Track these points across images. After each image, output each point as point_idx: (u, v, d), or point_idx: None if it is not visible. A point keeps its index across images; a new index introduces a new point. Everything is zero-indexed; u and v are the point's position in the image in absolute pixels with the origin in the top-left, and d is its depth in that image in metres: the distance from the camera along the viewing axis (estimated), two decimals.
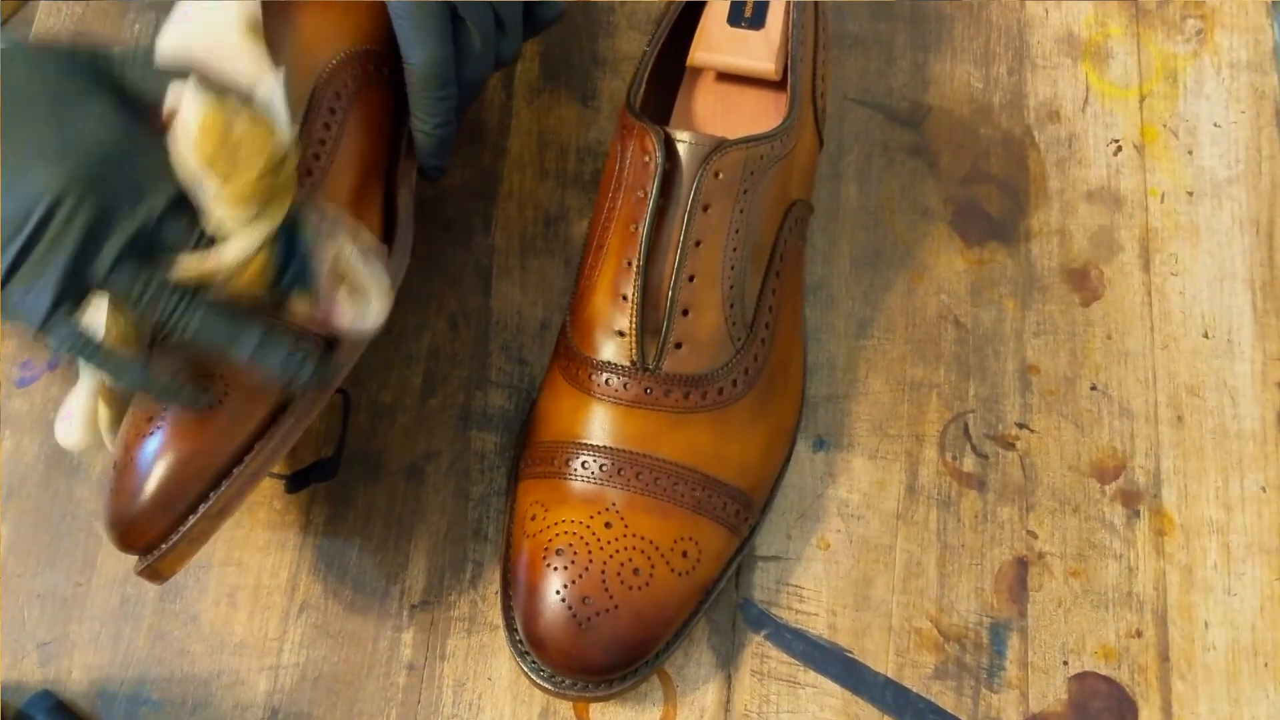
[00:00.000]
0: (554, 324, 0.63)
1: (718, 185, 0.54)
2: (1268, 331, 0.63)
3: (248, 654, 0.57)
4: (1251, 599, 0.58)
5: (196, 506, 0.51)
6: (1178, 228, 0.66)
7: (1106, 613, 0.58)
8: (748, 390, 0.56)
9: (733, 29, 0.61)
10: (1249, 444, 0.61)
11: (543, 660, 0.53)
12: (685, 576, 0.54)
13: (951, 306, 0.64)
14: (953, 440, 0.61)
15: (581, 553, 0.53)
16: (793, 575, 0.59)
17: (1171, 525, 0.60)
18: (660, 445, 0.54)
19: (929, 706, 0.56)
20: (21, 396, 0.62)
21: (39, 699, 0.55)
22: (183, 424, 0.50)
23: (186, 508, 0.51)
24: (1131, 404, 0.62)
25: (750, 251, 0.56)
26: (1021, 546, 0.59)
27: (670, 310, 0.54)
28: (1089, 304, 0.64)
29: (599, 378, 0.55)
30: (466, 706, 0.56)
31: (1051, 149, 0.68)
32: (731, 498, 0.55)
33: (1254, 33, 0.70)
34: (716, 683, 0.57)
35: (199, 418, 0.50)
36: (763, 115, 0.62)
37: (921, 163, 0.67)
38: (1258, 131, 0.68)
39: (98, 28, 0.70)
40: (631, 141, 0.55)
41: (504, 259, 0.65)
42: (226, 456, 0.51)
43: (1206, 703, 0.57)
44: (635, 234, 0.54)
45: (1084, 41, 0.70)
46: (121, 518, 0.51)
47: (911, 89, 0.69)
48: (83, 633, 0.58)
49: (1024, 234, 0.66)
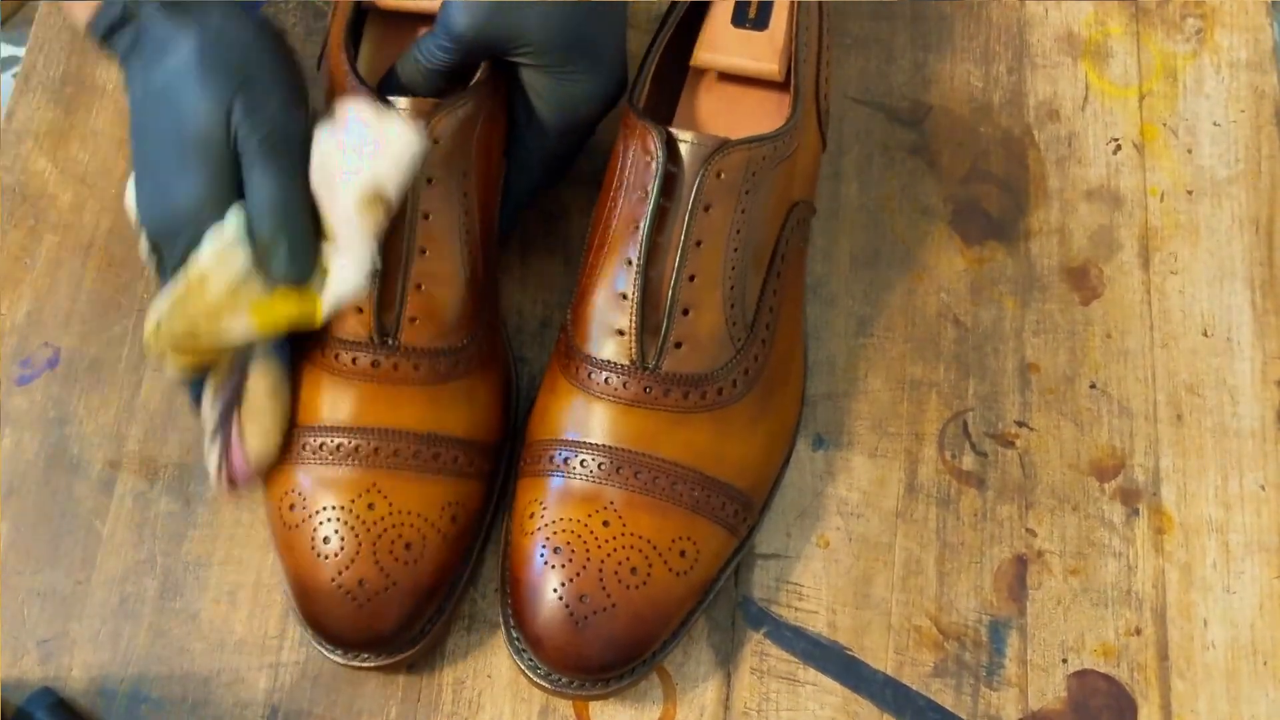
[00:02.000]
0: (554, 322, 0.63)
1: (719, 185, 0.54)
2: (1267, 330, 0.63)
3: (248, 652, 0.57)
4: (1251, 597, 0.58)
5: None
6: (1177, 227, 0.66)
7: (1106, 611, 0.58)
8: (748, 391, 0.56)
9: (737, 29, 0.61)
10: (1248, 442, 0.61)
11: (540, 658, 0.53)
12: (683, 576, 0.54)
13: (951, 305, 0.64)
14: (952, 439, 0.61)
15: (579, 551, 0.53)
16: (792, 573, 0.59)
17: (1171, 524, 0.60)
18: (659, 445, 0.54)
19: (928, 704, 0.56)
20: (21, 394, 0.62)
21: (39, 696, 0.55)
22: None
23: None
24: (1131, 402, 0.62)
25: (751, 252, 0.56)
26: (1021, 545, 0.59)
27: (670, 310, 0.54)
28: (1088, 303, 0.64)
29: (599, 376, 0.55)
30: (466, 704, 0.56)
31: (1051, 148, 0.68)
32: (730, 498, 0.55)
33: (1254, 32, 0.70)
34: (716, 680, 0.57)
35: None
36: (766, 116, 0.62)
37: (921, 162, 0.67)
38: (1257, 131, 0.68)
39: None
40: (634, 141, 0.55)
41: (504, 257, 0.65)
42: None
43: (1206, 700, 0.57)
44: (636, 233, 0.54)
45: (1084, 40, 0.70)
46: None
47: (911, 88, 0.69)
48: (83, 630, 0.58)
49: (1024, 233, 0.66)
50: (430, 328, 0.55)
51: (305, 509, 0.54)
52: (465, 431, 0.56)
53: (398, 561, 0.53)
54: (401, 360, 0.55)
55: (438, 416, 0.55)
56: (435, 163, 0.55)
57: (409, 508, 0.54)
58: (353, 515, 0.53)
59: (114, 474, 0.60)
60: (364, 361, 0.54)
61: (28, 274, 0.65)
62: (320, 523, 0.53)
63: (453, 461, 0.55)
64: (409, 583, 0.53)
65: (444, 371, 0.55)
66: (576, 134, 0.60)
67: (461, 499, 0.55)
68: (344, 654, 0.54)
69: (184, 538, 0.59)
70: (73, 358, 0.63)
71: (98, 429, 0.61)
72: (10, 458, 0.61)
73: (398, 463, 0.54)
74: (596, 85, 0.58)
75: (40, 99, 0.69)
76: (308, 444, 0.54)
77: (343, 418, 0.54)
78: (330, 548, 0.53)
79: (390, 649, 0.54)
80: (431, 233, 0.55)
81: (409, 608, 0.53)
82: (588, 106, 0.58)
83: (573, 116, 0.58)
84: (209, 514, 0.60)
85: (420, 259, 0.55)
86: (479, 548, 0.57)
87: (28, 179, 0.67)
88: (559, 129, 0.59)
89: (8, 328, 0.63)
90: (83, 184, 0.67)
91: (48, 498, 0.60)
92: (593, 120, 0.59)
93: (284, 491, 0.55)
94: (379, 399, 0.54)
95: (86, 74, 0.69)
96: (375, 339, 0.54)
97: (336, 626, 0.53)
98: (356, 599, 0.52)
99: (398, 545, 0.53)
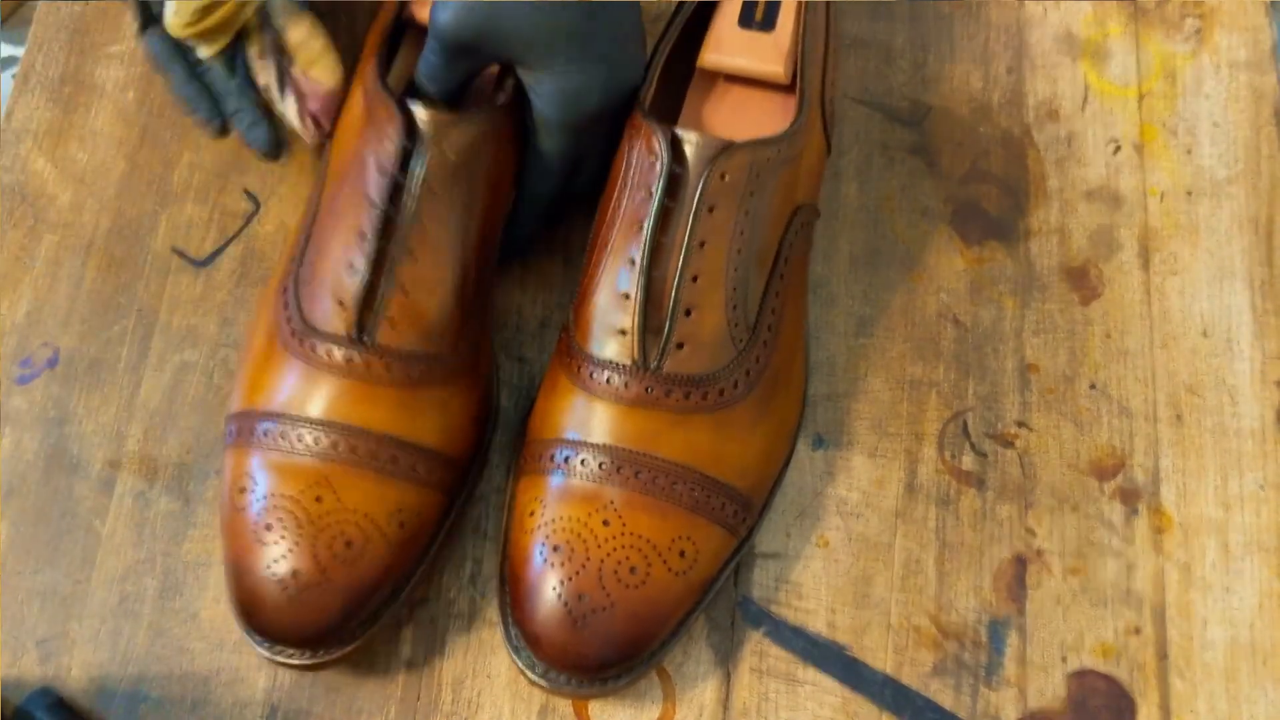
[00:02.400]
0: (553, 322, 0.63)
1: (723, 187, 0.54)
2: (1267, 330, 0.64)
3: (247, 652, 0.57)
4: (1250, 597, 0.58)
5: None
6: (1177, 227, 0.66)
7: (1105, 610, 0.58)
8: (749, 392, 0.56)
9: (743, 31, 0.61)
10: (1248, 442, 0.61)
11: (538, 656, 0.53)
12: (682, 576, 0.54)
13: (951, 305, 0.64)
14: (952, 438, 0.61)
15: (579, 550, 0.53)
16: (792, 573, 0.59)
17: (1170, 523, 0.60)
18: (660, 445, 0.54)
19: (928, 704, 0.57)
20: (21, 394, 0.62)
21: (38, 696, 0.55)
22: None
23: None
24: (1130, 402, 0.62)
25: (754, 254, 0.56)
26: (1020, 544, 0.59)
27: (673, 310, 0.54)
28: (1088, 303, 0.64)
29: (600, 376, 0.55)
30: (466, 704, 0.56)
31: (1051, 148, 0.68)
32: (730, 498, 0.55)
33: (1253, 32, 0.70)
34: (715, 680, 0.57)
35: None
36: (771, 118, 0.62)
37: (921, 162, 0.67)
38: (1257, 131, 0.68)
39: (98, 28, 0.70)
40: (639, 141, 0.55)
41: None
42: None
43: (1205, 700, 0.57)
44: (640, 233, 0.54)
45: (1083, 41, 0.70)
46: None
47: (911, 88, 0.69)
48: (82, 630, 0.58)
49: (1023, 233, 0.66)
50: (409, 331, 0.55)
51: (255, 494, 0.53)
52: (430, 441, 0.55)
53: (335, 559, 0.53)
54: (374, 359, 0.54)
55: (404, 421, 0.55)
56: (439, 173, 0.55)
57: (356, 506, 0.53)
58: (299, 506, 0.53)
59: (114, 474, 0.60)
60: (338, 356, 0.54)
61: (27, 274, 0.65)
62: (265, 509, 0.53)
63: (411, 468, 0.55)
64: (343, 581, 0.53)
65: (417, 376, 0.55)
66: (586, 132, 0.59)
67: (414, 507, 0.55)
68: (270, 648, 0.54)
69: (184, 537, 0.59)
70: (72, 357, 0.63)
71: (97, 428, 0.61)
72: (10, 457, 0.61)
73: (354, 460, 0.54)
74: (593, 78, 0.57)
75: (39, 99, 0.69)
76: (269, 430, 0.54)
77: (310, 409, 0.54)
78: (272, 536, 0.53)
79: (316, 647, 0.53)
80: (425, 239, 0.55)
81: (340, 607, 0.53)
82: (588, 100, 0.57)
83: (575, 113, 0.58)
84: (208, 514, 0.60)
85: (409, 263, 0.55)
86: (427, 560, 0.56)
87: (27, 179, 0.67)
88: (562, 126, 0.58)
89: (7, 327, 0.63)
90: (82, 183, 0.67)
91: (47, 497, 0.60)
92: (601, 115, 0.58)
93: (239, 474, 0.54)
94: (347, 394, 0.54)
95: (85, 74, 0.69)
96: (353, 334, 0.54)
97: (265, 616, 0.53)
98: (287, 589, 0.52)
99: (338, 542, 0.53)
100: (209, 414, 0.61)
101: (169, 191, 0.66)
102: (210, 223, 0.66)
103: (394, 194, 0.54)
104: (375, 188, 0.54)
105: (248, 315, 0.63)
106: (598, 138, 0.59)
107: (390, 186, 0.54)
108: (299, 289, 0.56)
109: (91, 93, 0.69)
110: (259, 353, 0.56)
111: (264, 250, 0.65)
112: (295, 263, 0.57)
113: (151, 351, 0.63)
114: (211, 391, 0.62)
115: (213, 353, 0.63)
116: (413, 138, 0.54)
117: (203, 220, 0.66)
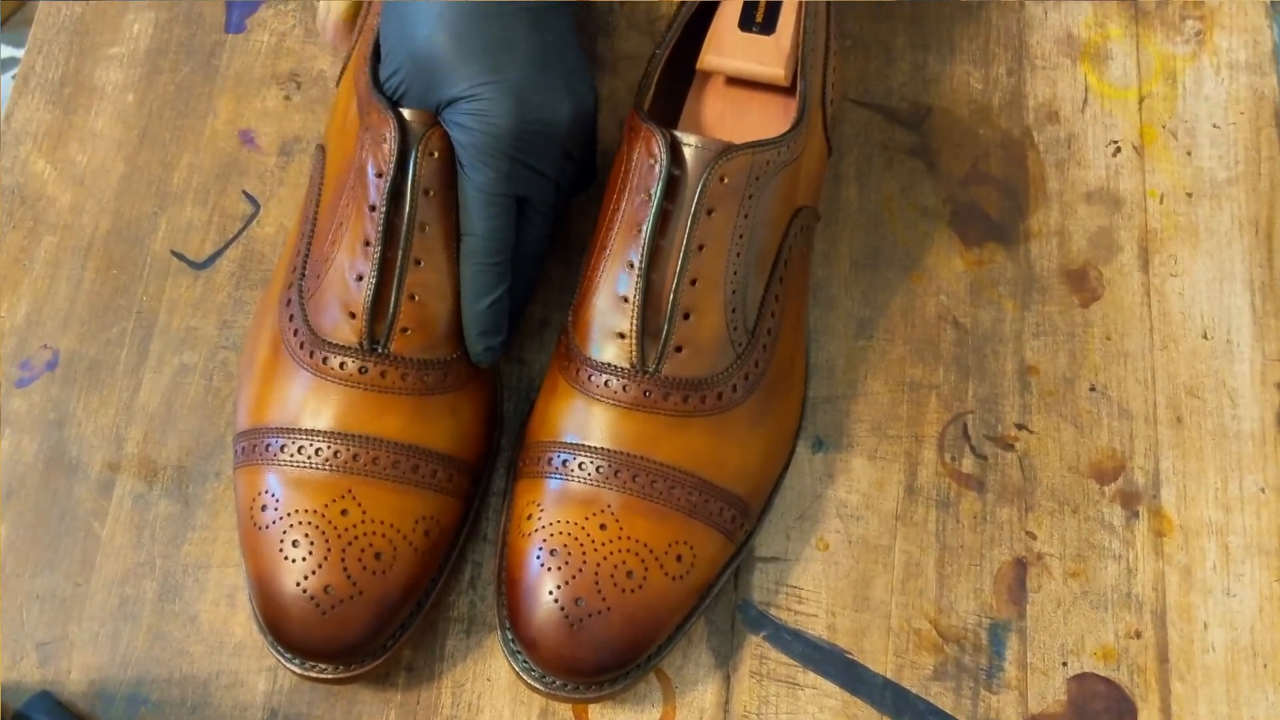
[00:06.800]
0: (553, 323, 0.63)
1: (723, 190, 0.54)
2: (1267, 332, 0.63)
3: (247, 655, 0.57)
4: (1250, 600, 0.58)
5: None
6: (1177, 229, 0.66)
7: (1105, 613, 0.58)
8: (748, 396, 0.56)
9: (744, 33, 0.60)
10: (1248, 445, 0.61)
11: (534, 660, 0.53)
12: (679, 580, 0.54)
13: (951, 307, 0.64)
14: (952, 441, 0.61)
15: (576, 554, 0.53)
16: (792, 576, 0.59)
17: (1170, 526, 0.60)
18: (658, 448, 0.54)
19: (928, 707, 0.56)
20: (21, 396, 0.62)
21: (38, 700, 0.55)
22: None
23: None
24: (1130, 405, 0.62)
25: (754, 257, 0.55)
26: (1020, 547, 0.59)
27: (671, 313, 0.54)
28: (1088, 305, 0.64)
29: (598, 379, 0.55)
30: (465, 707, 0.56)
31: (1051, 150, 0.68)
32: (728, 503, 0.55)
33: (1253, 34, 0.70)
34: (715, 683, 0.57)
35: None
36: (772, 120, 0.62)
37: (921, 163, 0.67)
38: (1257, 133, 0.68)
39: (98, 29, 0.70)
40: (638, 143, 0.55)
41: None
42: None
43: (1206, 704, 0.57)
44: (639, 236, 0.54)
45: (1083, 42, 0.70)
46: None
47: (911, 89, 0.69)
48: (82, 633, 0.58)
49: (1023, 235, 0.66)
50: (421, 339, 0.55)
51: (276, 511, 0.53)
52: (448, 446, 0.55)
53: (366, 570, 0.52)
54: (390, 369, 0.54)
55: (421, 428, 0.55)
56: (434, 176, 0.54)
57: (382, 517, 0.53)
58: (324, 520, 0.53)
59: (113, 476, 0.60)
60: (351, 367, 0.54)
61: (27, 275, 0.65)
62: (290, 525, 0.53)
63: (431, 475, 0.55)
64: (376, 593, 0.53)
65: (431, 384, 0.55)
66: (513, 164, 0.55)
67: (437, 514, 0.55)
68: (301, 664, 0.53)
69: (183, 540, 0.59)
70: (72, 359, 0.63)
71: (96, 431, 0.61)
72: (9, 460, 0.61)
73: (376, 471, 0.54)
74: (504, 99, 0.54)
75: (39, 100, 0.69)
76: (285, 446, 0.54)
77: (324, 422, 0.54)
78: (298, 552, 0.52)
79: (349, 661, 0.53)
80: (428, 244, 0.55)
81: (374, 619, 0.53)
82: (500, 123, 0.54)
83: (487, 135, 0.54)
84: (208, 516, 0.59)
85: (415, 269, 0.55)
86: (447, 569, 0.56)
87: (26, 180, 0.67)
88: (480, 151, 0.54)
89: (7, 329, 0.63)
90: (81, 185, 0.67)
91: (47, 500, 0.60)
92: (521, 145, 0.55)
93: (256, 492, 0.54)
94: (363, 405, 0.54)
95: (85, 75, 0.69)
96: (365, 345, 0.54)
97: (298, 634, 0.52)
98: (320, 606, 0.52)
99: (367, 554, 0.53)
100: (208, 416, 0.61)
101: (168, 193, 0.66)
102: (209, 225, 0.66)
103: (394, 197, 0.54)
104: (375, 191, 0.54)
105: (247, 318, 0.63)
106: (533, 177, 0.56)
107: (390, 189, 0.54)
108: (304, 300, 0.56)
109: (91, 94, 0.69)
110: (263, 367, 0.56)
111: (263, 252, 0.65)
112: (296, 273, 0.57)
113: (151, 354, 0.63)
114: (211, 394, 0.62)
115: (212, 355, 0.63)
116: (407, 139, 0.54)
117: (202, 222, 0.66)
